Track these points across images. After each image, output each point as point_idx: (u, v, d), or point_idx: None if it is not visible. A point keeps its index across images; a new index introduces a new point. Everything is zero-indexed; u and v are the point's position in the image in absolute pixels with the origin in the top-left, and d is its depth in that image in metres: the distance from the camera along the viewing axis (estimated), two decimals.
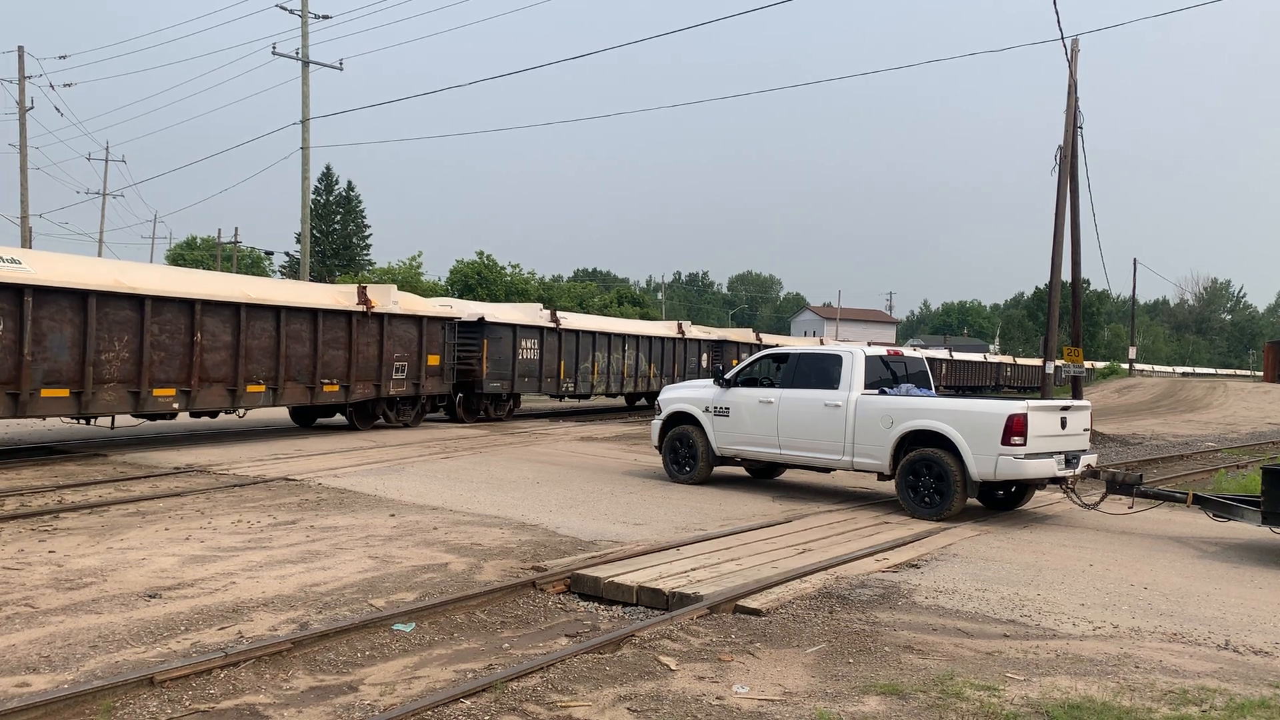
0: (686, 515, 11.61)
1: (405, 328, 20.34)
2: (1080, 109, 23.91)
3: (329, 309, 18.43)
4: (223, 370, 16.30)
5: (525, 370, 24.79)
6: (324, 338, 18.23)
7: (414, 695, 5.57)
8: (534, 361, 25.07)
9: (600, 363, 28.06)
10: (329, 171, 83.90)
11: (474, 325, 23.32)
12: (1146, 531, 11.74)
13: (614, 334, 29.20)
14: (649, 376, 30.83)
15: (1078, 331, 25.61)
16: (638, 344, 30.26)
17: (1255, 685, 6.11)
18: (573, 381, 26.79)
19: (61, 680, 5.57)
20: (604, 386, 28.43)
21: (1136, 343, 75.86)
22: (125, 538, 9.25)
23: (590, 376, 27.55)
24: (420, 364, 20.69)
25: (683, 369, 32.61)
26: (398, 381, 20.14)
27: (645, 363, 30.58)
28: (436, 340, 21.29)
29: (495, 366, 23.67)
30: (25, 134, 41.56)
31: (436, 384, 21.43)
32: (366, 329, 19.30)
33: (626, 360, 29.48)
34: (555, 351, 25.92)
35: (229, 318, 16.38)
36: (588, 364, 27.40)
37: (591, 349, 27.58)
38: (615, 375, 28.95)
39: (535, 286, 67.42)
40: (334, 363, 18.57)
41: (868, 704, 5.57)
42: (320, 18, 33.50)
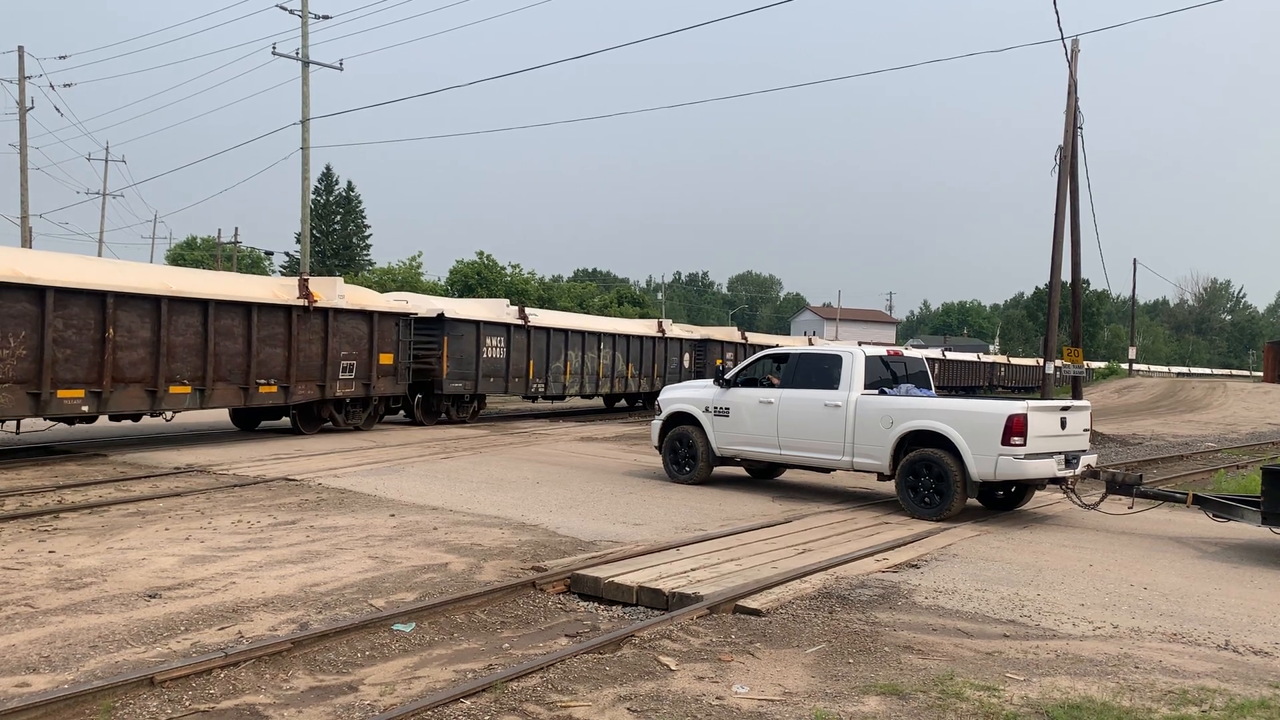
0: (686, 515, 11.61)
1: (354, 324, 19.03)
2: (1080, 109, 23.93)
3: (265, 303, 17.08)
4: (141, 370, 14.98)
5: (490, 370, 23.51)
6: (260, 334, 16.89)
7: (414, 695, 5.57)
8: (500, 361, 23.79)
9: (574, 362, 26.76)
10: (329, 171, 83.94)
11: (433, 322, 21.90)
12: (1146, 532, 11.74)
13: (589, 332, 27.81)
14: (626, 377, 29.49)
15: (1078, 331, 25.61)
16: (614, 343, 28.87)
17: (1255, 685, 6.11)
18: (543, 382, 25.53)
19: (61, 680, 5.57)
20: (577, 387, 27.13)
21: (1136, 343, 75.84)
22: (125, 538, 9.25)
23: (563, 377, 26.32)
24: (371, 363, 19.36)
25: (663, 369, 31.46)
26: (345, 382, 18.78)
27: (623, 362, 29.22)
28: (389, 337, 19.96)
29: (457, 366, 22.29)
30: (25, 134, 41.57)
31: (390, 384, 20.13)
32: (309, 325, 17.95)
33: (602, 360, 28.11)
34: (524, 350, 24.68)
35: (148, 312, 15.04)
36: (559, 364, 26.15)
37: (564, 348, 26.34)
38: (590, 375, 27.61)
39: (535, 286, 67.40)
40: (272, 361, 17.21)
41: (868, 704, 5.57)
42: (320, 18, 33.52)
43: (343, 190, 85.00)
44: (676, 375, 31.86)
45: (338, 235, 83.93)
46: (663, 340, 31.47)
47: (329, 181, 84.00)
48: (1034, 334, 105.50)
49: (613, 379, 28.75)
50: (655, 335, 31.09)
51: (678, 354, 32.40)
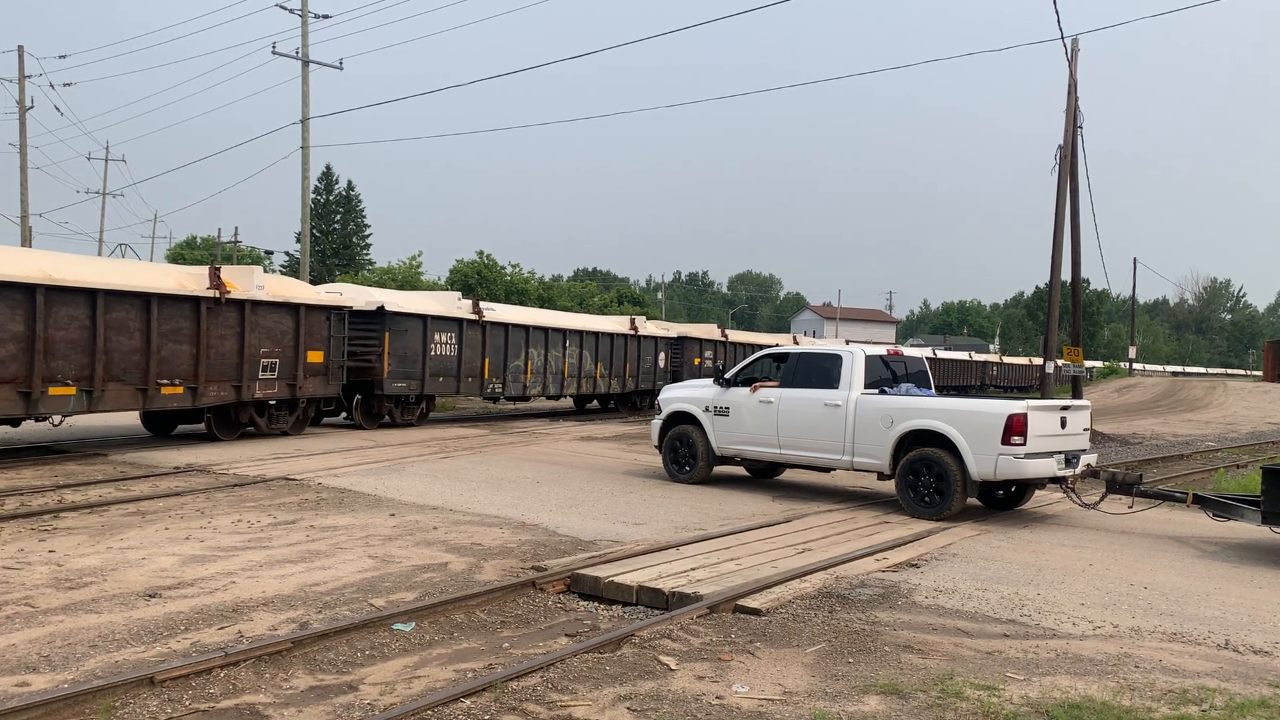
0: (686, 515, 11.61)
1: (276, 318, 17.31)
2: (1080, 108, 23.93)
3: (168, 294, 15.39)
4: (10, 368, 13.35)
5: (440, 368, 21.64)
6: (161, 329, 15.19)
7: (414, 695, 5.57)
8: (451, 358, 21.92)
9: (536, 361, 24.98)
10: (329, 171, 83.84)
11: (372, 315, 20.14)
12: (1146, 531, 11.74)
13: (553, 329, 25.86)
14: (595, 377, 27.64)
15: (1078, 331, 25.61)
16: (581, 340, 26.92)
17: (1255, 685, 6.11)
18: (500, 382, 23.73)
19: (61, 680, 5.57)
20: (540, 387, 25.38)
21: (1136, 342, 75.84)
22: (125, 537, 9.25)
23: (523, 376, 24.54)
24: (297, 361, 17.64)
25: (635, 369, 29.58)
26: (266, 382, 17.10)
27: (591, 361, 27.38)
28: (319, 333, 18.25)
29: (400, 364, 20.47)
30: (25, 133, 41.56)
31: (320, 385, 18.38)
32: (222, 319, 16.27)
33: (568, 358, 26.29)
34: (478, 347, 22.83)
35: (19, 303, 13.40)
36: (519, 362, 24.36)
37: (524, 345, 24.48)
38: (554, 375, 25.84)
39: (535, 286, 67.37)
40: (176, 359, 15.49)
41: (867, 704, 5.57)
42: (320, 17, 33.48)
43: (343, 190, 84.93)
44: (650, 375, 30.42)
45: (338, 235, 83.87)
46: (635, 338, 29.60)
47: (329, 181, 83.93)
48: (1034, 333, 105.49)
49: (579, 379, 26.99)
50: (627, 333, 29.23)
51: (652, 352, 30.63)
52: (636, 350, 29.65)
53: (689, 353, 32.36)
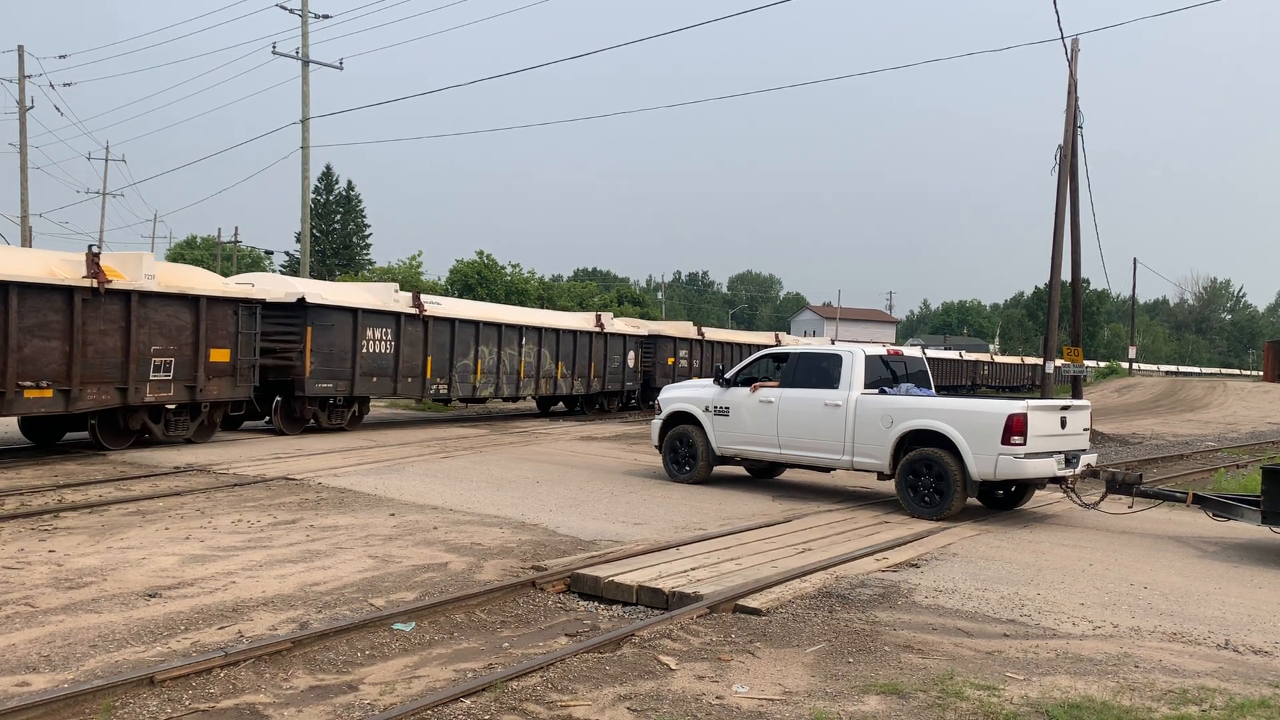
0: (686, 515, 11.61)
1: (170, 311, 15.32)
2: (1080, 108, 23.92)
3: (32, 283, 13.35)
4: None
5: (373, 367, 19.75)
6: (23, 323, 13.24)
7: (414, 695, 5.57)
8: (387, 356, 20.01)
9: (487, 360, 23.11)
10: (329, 171, 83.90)
11: (292, 309, 18.24)
12: (1146, 531, 11.74)
13: (506, 325, 23.99)
14: (555, 377, 25.85)
15: (1078, 331, 25.61)
16: (540, 338, 25.08)
17: (1255, 685, 6.11)
18: (446, 382, 21.84)
19: (61, 680, 5.57)
20: (492, 388, 23.53)
21: (1136, 342, 75.83)
22: (125, 537, 9.25)
23: (472, 376, 22.64)
24: (198, 360, 15.70)
25: (602, 368, 27.77)
26: (160, 384, 15.10)
27: (550, 360, 25.57)
28: (224, 328, 16.30)
29: (325, 362, 18.53)
30: (25, 133, 41.58)
31: (226, 387, 16.41)
32: (102, 312, 14.25)
33: (524, 357, 24.47)
34: (419, 344, 20.96)
35: None
36: (468, 361, 22.46)
37: (474, 342, 22.61)
38: (509, 375, 24.00)
39: (535, 286, 67.43)
40: (43, 358, 13.51)
41: (867, 703, 5.57)
42: (320, 17, 33.50)
43: (343, 190, 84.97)
44: (619, 375, 28.72)
45: (338, 235, 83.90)
46: (601, 335, 27.73)
47: (329, 181, 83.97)
48: (1034, 333, 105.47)
49: (538, 379, 25.20)
50: (592, 330, 27.36)
51: (620, 351, 28.77)
52: (603, 349, 27.88)
53: (662, 352, 31.00)
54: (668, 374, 30.66)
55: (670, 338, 31.55)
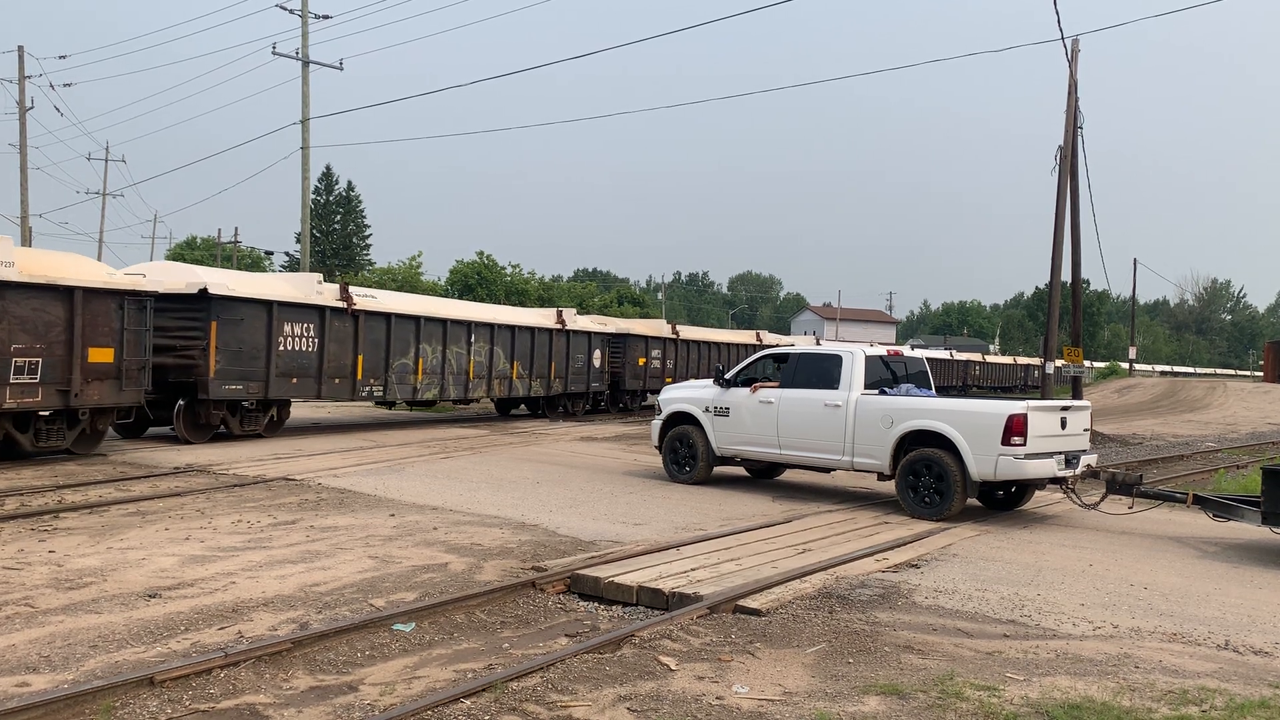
0: (686, 515, 11.61)
1: (36, 304, 13.41)
2: (1080, 109, 23.93)
3: None
4: None
5: (293, 367, 17.88)
6: None
7: (414, 695, 5.57)
8: (309, 355, 18.12)
9: (430, 359, 21.26)
10: (329, 171, 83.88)
11: (194, 301, 16.41)
12: (1146, 531, 11.74)
13: (452, 321, 22.05)
14: (511, 378, 24.01)
15: (1078, 331, 25.61)
16: (492, 335, 23.25)
17: (1255, 685, 6.11)
18: (381, 383, 19.99)
19: (61, 680, 5.57)
20: (436, 389, 21.64)
21: (1136, 343, 75.83)
22: (125, 537, 9.25)
23: (412, 377, 20.79)
24: (73, 360, 13.80)
25: (564, 368, 26.05)
26: (23, 388, 13.22)
27: (505, 359, 23.74)
28: (107, 324, 14.35)
29: (233, 361, 16.68)
30: (25, 134, 41.58)
31: (110, 391, 14.42)
32: None
33: (474, 356, 22.66)
34: (348, 342, 19.04)
35: None
36: (407, 360, 20.63)
37: (414, 340, 20.77)
38: (456, 375, 22.11)
39: (535, 286, 67.40)
40: None
41: (868, 704, 5.57)
42: (320, 18, 33.50)
43: (343, 190, 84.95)
44: (583, 376, 27.02)
45: (338, 235, 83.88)
46: (563, 333, 26.01)
47: (329, 181, 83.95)
48: (1034, 334, 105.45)
49: (490, 380, 23.32)
50: (552, 327, 25.66)
51: (584, 350, 27.05)
52: (565, 347, 26.16)
53: (633, 351, 29.39)
54: (638, 375, 29.78)
55: (641, 336, 30.01)
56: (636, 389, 30.33)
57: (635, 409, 30.78)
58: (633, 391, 30.44)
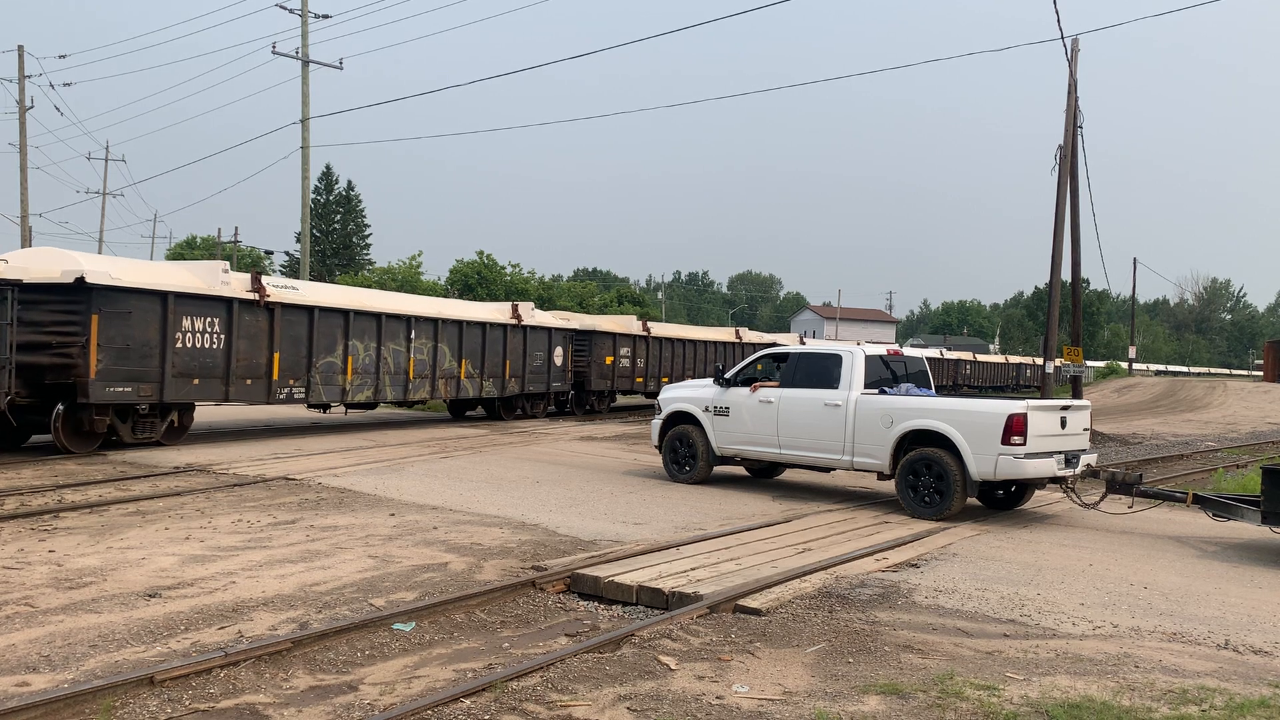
0: (686, 515, 11.61)
1: None
2: (1080, 109, 23.92)
3: None
4: None
5: (193, 366, 15.93)
6: None
7: (414, 695, 5.57)
8: (213, 352, 16.21)
9: (361, 357, 19.30)
10: (329, 171, 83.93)
11: (71, 292, 14.43)
12: (1146, 531, 11.74)
13: (388, 315, 20.01)
14: (459, 377, 22.06)
15: (1078, 331, 25.60)
16: (436, 330, 21.24)
17: (1255, 685, 6.11)
18: (303, 385, 17.97)
19: (61, 680, 5.57)
20: (370, 390, 19.62)
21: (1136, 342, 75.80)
22: (125, 537, 9.25)
23: (340, 377, 18.79)
24: None
25: (520, 367, 24.09)
26: None
27: (451, 358, 21.80)
28: None
29: (120, 360, 14.76)
30: (25, 133, 41.58)
31: None
32: None
33: (415, 354, 20.68)
34: (262, 338, 17.15)
35: None
36: (334, 358, 18.62)
37: (342, 336, 18.78)
38: (394, 375, 20.17)
39: (535, 286, 67.49)
40: None
41: (867, 703, 5.57)
42: (320, 17, 33.51)
43: (343, 190, 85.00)
44: (543, 375, 25.11)
45: (338, 235, 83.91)
46: (519, 329, 24.05)
47: (329, 181, 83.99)
48: (1034, 333, 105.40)
49: (433, 380, 21.30)
50: (507, 322, 23.71)
51: (544, 347, 25.11)
52: (521, 345, 24.19)
53: (600, 350, 27.61)
54: (605, 375, 28.03)
55: (608, 334, 28.15)
56: (604, 389, 28.42)
57: (603, 410, 29.01)
58: (600, 392, 28.57)
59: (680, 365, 31.65)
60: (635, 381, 29.47)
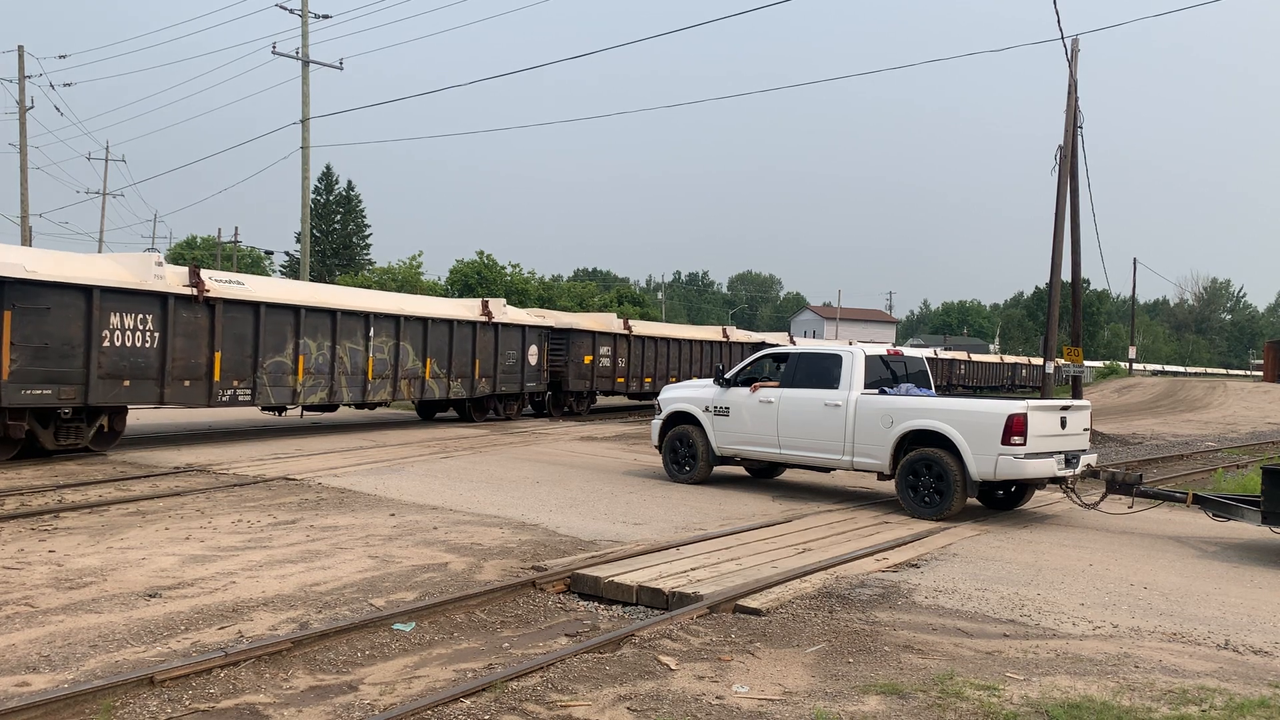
0: (686, 515, 11.61)
1: None
2: (1080, 109, 23.92)
3: None
4: None
5: (124, 367, 14.70)
6: None
7: (414, 695, 5.57)
8: (147, 351, 15.03)
9: (314, 356, 18.11)
10: (329, 171, 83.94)
11: None
12: (1146, 531, 11.74)
13: (343, 311, 18.80)
14: (423, 378, 20.91)
15: (1078, 331, 25.60)
16: (397, 328, 20.12)
17: (1255, 685, 6.11)
18: (248, 386, 16.80)
19: (61, 680, 5.57)
20: (324, 392, 18.44)
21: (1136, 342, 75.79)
22: (125, 537, 9.25)
23: (290, 378, 17.62)
24: None
25: (490, 366, 22.92)
26: None
27: (415, 357, 20.67)
28: None
29: (37, 360, 13.62)
30: (25, 134, 41.60)
31: None
32: None
33: (375, 353, 19.55)
34: (201, 336, 15.93)
35: None
36: (283, 358, 17.45)
37: (293, 334, 17.63)
38: (351, 375, 18.97)
39: (535, 286, 67.48)
40: None
41: (867, 704, 5.57)
42: (320, 17, 33.52)
43: (343, 190, 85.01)
44: (516, 375, 23.95)
45: (338, 235, 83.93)
46: (490, 327, 22.89)
47: (329, 181, 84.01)
48: (1034, 333, 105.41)
49: (395, 380, 20.16)
50: (476, 320, 22.51)
51: (517, 346, 23.98)
52: (492, 343, 23.01)
53: (578, 349, 26.59)
54: (584, 375, 26.89)
55: (587, 332, 27.08)
56: (583, 390, 27.21)
57: (582, 412, 27.69)
58: (578, 393, 27.36)
59: (665, 365, 30.71)
60: (616, 382, 28.44)
